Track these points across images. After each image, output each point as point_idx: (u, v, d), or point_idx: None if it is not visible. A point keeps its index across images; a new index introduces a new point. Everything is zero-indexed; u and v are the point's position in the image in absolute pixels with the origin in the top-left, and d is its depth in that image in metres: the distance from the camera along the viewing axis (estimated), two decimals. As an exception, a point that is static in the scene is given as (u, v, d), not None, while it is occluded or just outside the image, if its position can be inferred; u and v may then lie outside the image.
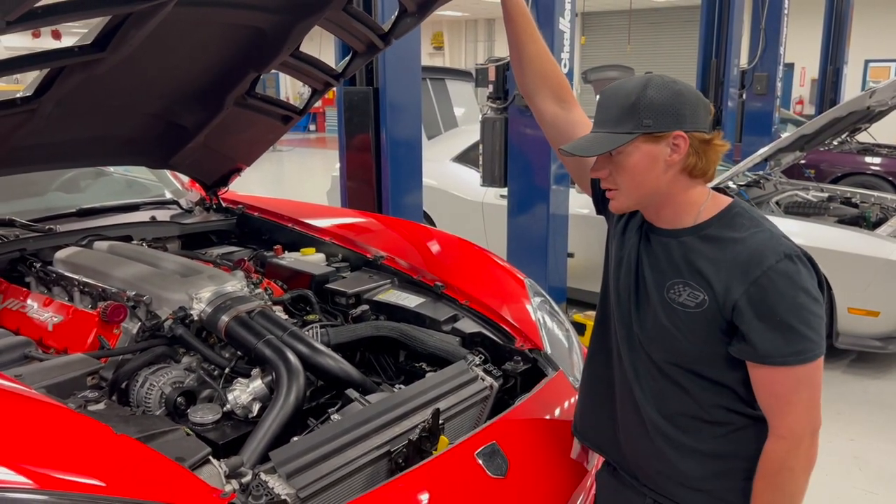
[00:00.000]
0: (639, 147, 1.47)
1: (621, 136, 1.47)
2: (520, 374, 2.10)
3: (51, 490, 1.24)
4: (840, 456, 3.73)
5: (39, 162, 2.39)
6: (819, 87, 10.98)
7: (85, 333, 2.05)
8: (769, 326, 1.42)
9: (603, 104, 1.53)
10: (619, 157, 1.49)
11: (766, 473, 1.50)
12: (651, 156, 1.47)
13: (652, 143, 1.47)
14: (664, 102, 1.45)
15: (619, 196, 1.54)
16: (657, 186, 1.51)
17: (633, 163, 1.48)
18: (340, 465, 1.62)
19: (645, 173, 1.49)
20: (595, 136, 1.53)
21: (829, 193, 5.73)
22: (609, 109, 1.50)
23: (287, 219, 2.98)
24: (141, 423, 1.60)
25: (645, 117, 1.45)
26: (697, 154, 1.49)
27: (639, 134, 1.45)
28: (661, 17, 20.17)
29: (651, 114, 1.45)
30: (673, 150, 1.47)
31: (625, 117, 1.47)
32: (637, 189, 1.51)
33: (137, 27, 1.76)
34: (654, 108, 1.45)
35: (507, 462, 1.73)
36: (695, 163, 1.49)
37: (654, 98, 1.45)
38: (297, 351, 1.97)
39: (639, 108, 1.45)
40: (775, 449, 1.48)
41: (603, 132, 1.50)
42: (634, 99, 1.46)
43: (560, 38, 4.45)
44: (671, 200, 1.53)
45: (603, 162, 1.53)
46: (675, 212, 1.54)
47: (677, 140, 1.46)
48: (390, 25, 2.29)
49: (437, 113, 7.15)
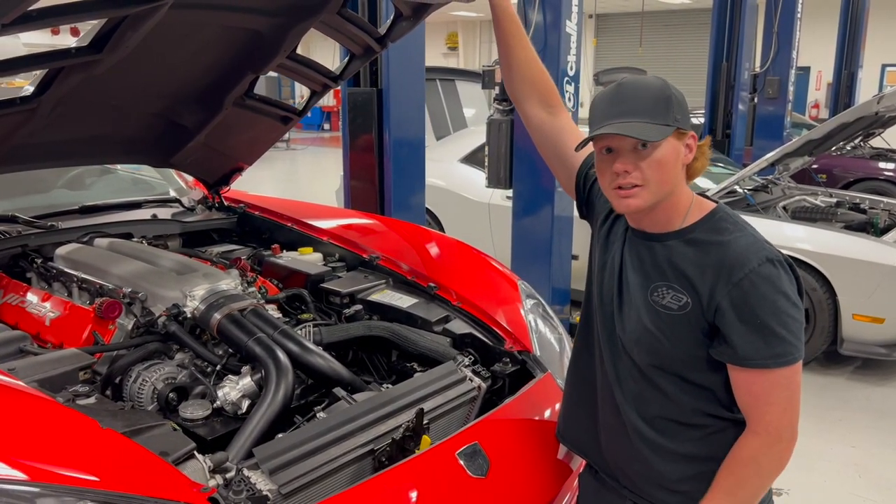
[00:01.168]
0: (670, 142, 1.48)
1: (664, 127, 1.45)
2: (508, 376, 2.12)
3: (31, 480, 1.28)
4: (841, 463, 3.72)
5: (42, 160, 2.43)
6: (833, 91, 10.90)
7: (80, 329, 2.09)
8: (750, 329, 1.44)
9: (628, 96, 1.48)
10: (653, 150, 1.46)
11: (734, 462, 1.51)
12: (676, 152, 1.49)
13: (677, 140, 1.49)
14: (684, 102, 1.50)
15: (642, 193, 1.49)
16: (674, 184, 1.52)
17: (665, 157, 1.47)
18: (323, 462, 1.64)
19: (671, 170, 1.49)
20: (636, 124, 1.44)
21: (838, 199, 5.70)
22: (639, 101, 1.47)
23: (287, 218, 3.01)
24: (128, 417, 1.64)
25: (676, 112, 1.47)
26: (698, 156, 1.53)
27: (675, 128, 1.47)
28: (674, 19, 20.09)
29: (680, 110, 1.48)
30: (687, 149, 1.51)
31: (660, 110, 1.46)
32: (663, 185, 1.49)
33: (133, 29, 1.80)
34: (681, 105, 1.48)
35: (488, 462, 1.75)
36: (698, 165, 1.53)
37: (678, 96, 1.49)
38: (287, 349, 2.00)
39: (671, 102, 1.47)
40: (750, 443, 1.49)
41: (641, 122, 1.44)
42: (670, 93, 1.48)
43: (567, 40, 4.45)
44: (671, 202, 1.54)
45: (630, 155, 1.47)
46: (668, 214, 1.55)
47: (691, 140, 1.51)
48: (386, 29, 2.32)
49: (447, 113, 7.17)
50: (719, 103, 7.69)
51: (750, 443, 1.50)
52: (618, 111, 1.48)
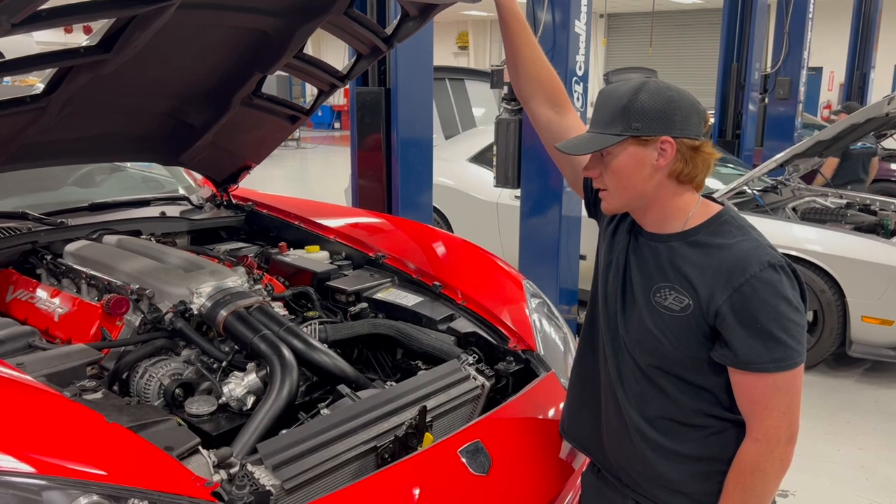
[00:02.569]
0: (626, 149, 1.50)
1: (610, 136, 1.50)
2: (512, 375, 2.13)
3: (38, 473, 1.30)
4: (848, 465, 3.71)
5: (52, 158, 2.46)
6: (846, 91, 10.85)
7: (88, 325, 2.11)
8: (750, 333, 1.44)
9: (598, 105, 1.56)
10: (608, 158, 1.53)
11: (739, 472, 1.52)
12: (638, 159, 1.50)
13: (640, 147, 1.49)
14: (655, 107, 1.48)
15: (608, 197, 1.58)
16: (644, 190, 1.53)
17: (620, 164, 1.52)
18: (327, 458, 1.66)
19: (631, 176, 1.52)
20: (588, 135, 1.57)
21: (848, 200, 5.67)
22: (602, 110, 1.54)
23: (294, 217, 3.03)
24: (134, 412, 1.66)
25: (634, 120, 1.48)
26: (685, 160, 1.51)
27: (627, 136, 1.49)
28: (685, 19, 20.01)
29: (640, 117, 1.48)
30: (660, 154, 1.50)
31: (616, 119, 1.50)
32: (624, 191, 1.55)
33: (141, 29, 1.81)
34: (645, 112, 1.48)
35: (490, 460, 1.76)
36: (681, 169, 1.51)
37: (644, 103, 1.48)
38: (292, 347, 2.02)
39: (629, 111, 1.48)
40: (750, 451, 1.50)
41: (595, 132, 1.54)
42: (626, 102, 1.49)
43: (576, 39, 4.45)
44: (658, 204, 1.56)
45: (595, 162, 1.57)
46: (662, 216, 1.57)
47: (664, 145, 1.49)
48: (393, 29, 2.33)
49: (456, 113, 7.18)
50: (729, 104, 7.67)
51: (751, 451, 1.50)
52: (592, 119, 1.57)
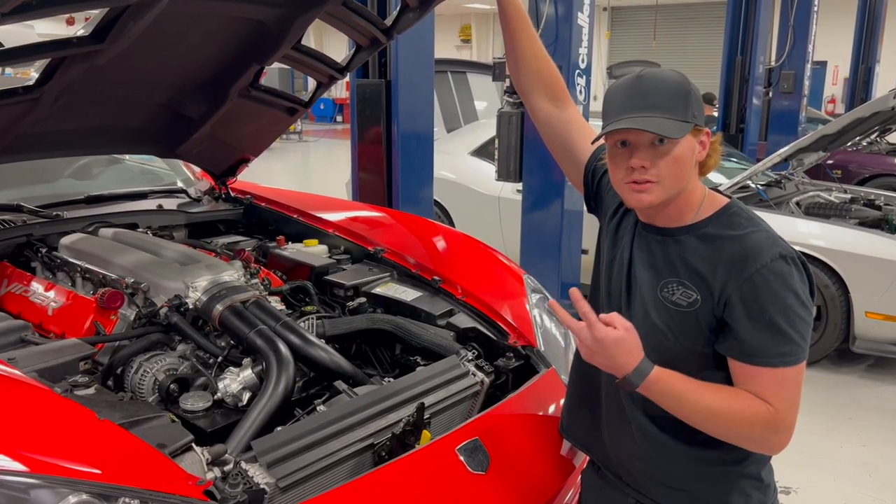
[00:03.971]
0: (687, 138, 1.45)
1: (684, 123, 1.43)
2: (511, 371, 2.11)
3: (26, 471, 1.27)
4: (851, 462, 3.68)
5: (47, 149, 2.43)
6: (850, 86, 10.79)
7: (82, 319, 2.09)
8: (757, 325, 1.41)
9: (648, 88, 1.45)
10: (669, 146, 1.43)
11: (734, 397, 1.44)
12: (692, 149, 1.47)
13: (694, 137, 1.47)
14: (700, 97, 1.48)
15: (655, 189, 1.46)
16: (688, 181, 1.49)
17: (683, 154, 1.45)
18: (323, 455, 1.63)
19: (687, 166, 1.47)
20: (656, 119, 1.41)
21: (852, 195, 5.62)
22: (658, 95, 1.43)
23: (293, 210, 3.00)
24: (127, 408, 1.63)
25: (694, 108, 1.45)
26: (710, 153, 1.51)
27: (693, 124, 1.45)
28: (690, 12, 19.94)
29: (697, 106, 1.46)
30: (701, 145, 1.48)
31: (679, 105, 1.43)
32: (679, 182, 1.47)
33: (135, 19, 1.78)
34: (698, 101, 1.47)
35: (488, 458, 1.73)
36: (711, 162, 1.51)
37: (696, 91, 1.47)
38: (288, 342, 1.99)
39: (691, 98, 1.45)
40: (759, 406, 1.42)
41: (661, 117, 1.41)
42: (689, 88, 1.45)
43: (578, 32, 4.42)
44: (683, 197, 1.51)
45: (647, 151, 1.44)
46: (681, 209, 1.53)
47: (705, 137, 1.48)
48: (393, 20, 2.29)
49: (458, 106, 7.15)
50: (733, 97, 7.64)
51: (760, 407, 1.42)
52: (637, 104, 1.44)
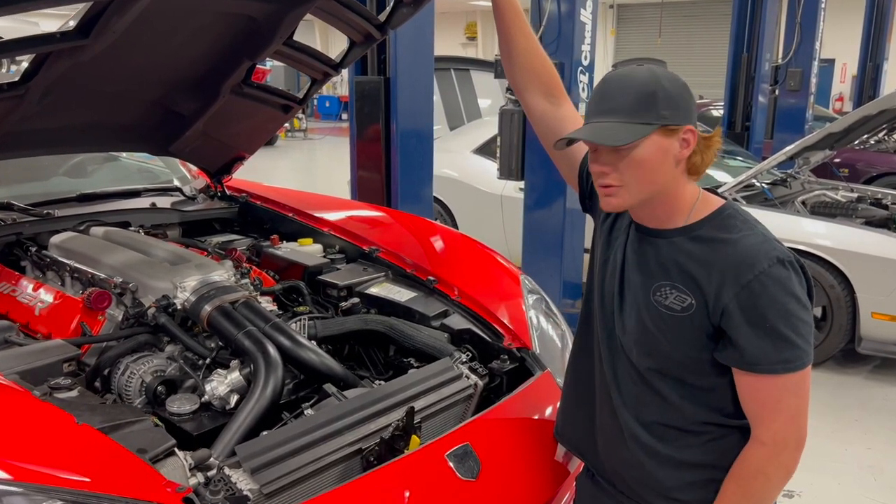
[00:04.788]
0: (654, 140, 1.39)
1: (641, 126, 1.37)
2: (506, 374, 2.06)
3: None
4: (855, 464, 3.63)
5: (36, 147, 2.39)
6: (858, 83, 10.71)
7: (69, 319, 2.05)
8: (758, 332, 1.37)
9: (609, 92, 1.42)
10: (628, 150, 1.39)
11: (740, 476, 1.45)
12: (664, 150, 1.40)
13: (665, 137, 1.40)
14: (678, 95, 1.40)
15: (621, 193, 1.43)
16: (665, 183, 1.44)
17: (646, 157, 1.39)
18: (309, 461, 1.59)
19: (657, 169, 1.41)
20: (610, 125, 1.39)
21: (859, 194, 5.56)
22: (620, 98, 1.40)
23: (288, 209, 2.96)
24: (108, 412, 1.59)
25: (663, 108, 1.38)
26: (699, 151, 1.44)
27: (658, 126, 1.38)
28: (696, 9, 19.85)
29: (668, 105, 1.38)
30: (682, 145, 1.42)
31: (642, 107, 1.38)
32: (646, 185, 1.42)
33: (120, 14, 1.75)
34: (671, 99, 1.39)
35: (479, 464, 1.69)
36: (697, 160, 1.44)
37: (669, 89, 1.39)
38: (278, 343, 1.95)
39: (658, 98, 1.38)
40: (755, 454, 1.43)
41: (617, 122, 1.39)
42: (653, 88, 1.38)
43: (581, 29, 4.37)
44: (669, 198, 1.47)
45: (608, 156, 1.41)
46: (669, 211, 1.48)
47: (687, 135, 1.41)
48: (387, 15, 2.25)
49: (461, 103, 7.11)
50: (739, 95, 7.57)
51: (757, 453, 1.43)
52: (598, 108, 1.43)
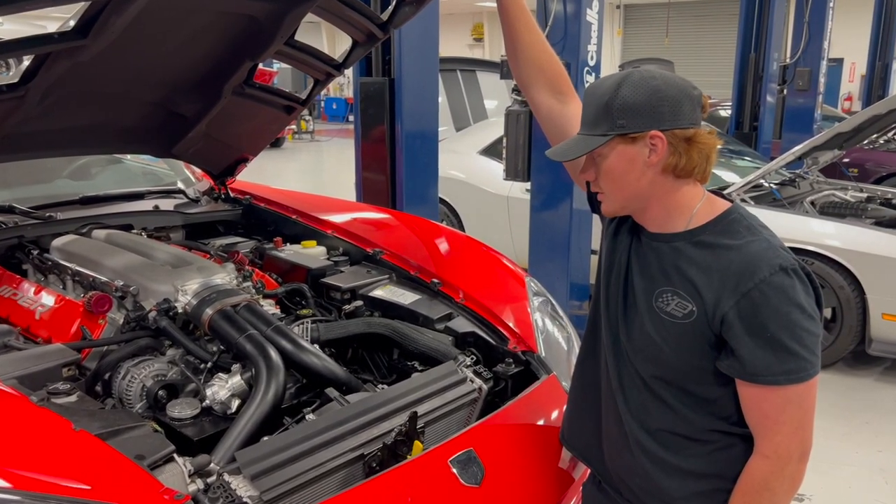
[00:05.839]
0: (615, 149, 1.41)
1: (596, 138, 1.42)
2: (511, 377, 2.03)
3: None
4: (866, 468, 3.58)
5: (37, 149, 2.38)
6: (867, 83, 10.64)
7: (69, 323, 2.03)
8: (759, 343, 1.33)
9: (584, 104, 1.48)
10: (599, 160, 1.45)
11: (746, 490, 1.43)
12: (628, 157, 1.41)
13: (628, 144, 1.40)
14: (639, 101, 1.38)
15: (605, 199, 1.50)
16: (638, 189, 1.44)
17: (610, 165, 1.44)
18: (310, 467, 1.57)
19: (624, 176, 1.43)
20: (575, 138, 1.49)
21: (869, 194, 5.51)
22: (587, 110, 1.46)
23: (292, 211, 2.94)
24: (107, 418, 1.57)
25: (619, 118, 1.39)
26: (679, 153, 1.40)
27: (613, 135, 1.39)
28: (703, 9, 19.79)
29: (625, 114, 1.39)
30: (651, 150, 1.40)
31: (600, 118, 1.42)
32: (619, 192, 1.46)
33: (118, 13, 1.73)
34: (628, 107, 1.38)
35: (482, 470, 1.66)
36: (676, 162, 1.41)
37: (627, 97, 1.38)
38: (280, 347, 1.93)
39: (612, 108, 1.39)
40: (759, 468, 1.40)
41: (582, 134, 1.46)
42: (608, 99, 1.40)
43: (587, 29, 4.34)
44: (657, 202, 1.46)
45: (589, 164, 1.48)
46: (664, 215, 1.46)
47: (654, 140, 1.39)
48: (389, 15, 2.23)
49: (467, 104, 7.08)
50: (747, 95, 7.53)
51: (760, 467, 1.40)
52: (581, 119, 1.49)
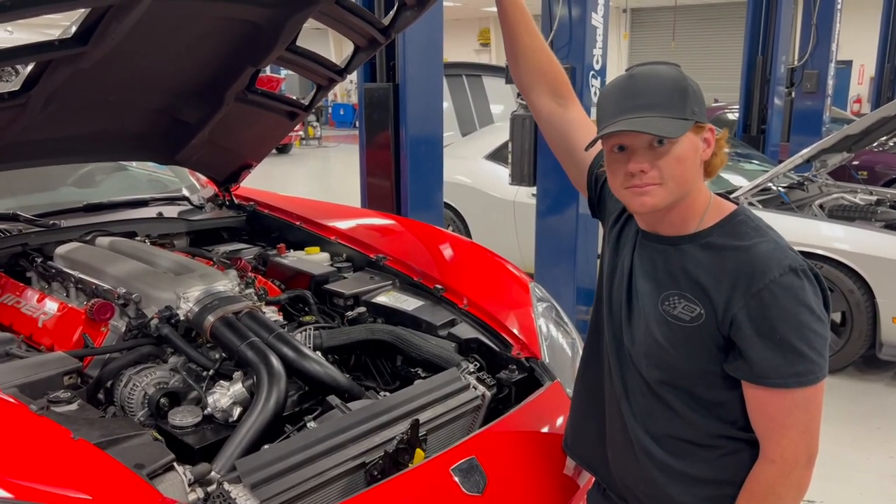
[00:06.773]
0: (688, 136, 1.35)
1: (682, 121, 1.32)
2: (514, 384, 2.01)
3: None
4: (877, 474, 3.54)
5: (41, 157, 2.38)
6: (876, 85, 10.57)
7: (71, 331, 2.03)
8: (768, 344, 1.31)
9: (642, 88, 1.35)
10: (671, 147, 1.34)
11: (751, 495, 1.40)
12: (695, 148, 1.37)
13: (696, 135, 1.37)
14: (700, 93, 1.37)
15: (658, 192, 1.36)
16: (693, 181, 1.39)
17: (684, 153, 1.35)
18: (311, 475, 1.55)
19: (690, 165, 1.37)
20: (654, 119, 1.32)
21: (878, 196, 5.46)
22: (654, 94, 1.34)
23: (296, 217, 2.94)
24: (107, 426, 1.56)
25: (694, 104, 1.35)
26: (716, 152, 1.41)
27: (693, 122, 1.35)
28: (710, 13, 19.77)
29: (696, 102, 1.35)
30: (705, 143, 1.39)
31: (678, 102, 1.33)
32: (682, 183, 1.37)
33: (119, 20, 1.73)
34: (697, 96, 1.36)
35: (485, 478, 1.64)
36: (713, 161, 1.41)
37: (694, 86, 1.36)
38: (281, 354, 1.92)
39: (688, 94, 1.34)
40: (765, 473, 1.38)
41: (659, 116, 1.32)
42: (685, 84, 1.35)
43: (593, 33, 4.32)
44: (688, 201, 1.41)
45: (646, 153, 1.35)
46: (683, 215, 1.43)
47: (709, 133, 1.38)
48: (390, 19, 2.22)
49: (473, 109, 7.08)
50: (754, 98, 7.49)
51: (766, 472, 1.38)
52: (631, 105, 1.35)
